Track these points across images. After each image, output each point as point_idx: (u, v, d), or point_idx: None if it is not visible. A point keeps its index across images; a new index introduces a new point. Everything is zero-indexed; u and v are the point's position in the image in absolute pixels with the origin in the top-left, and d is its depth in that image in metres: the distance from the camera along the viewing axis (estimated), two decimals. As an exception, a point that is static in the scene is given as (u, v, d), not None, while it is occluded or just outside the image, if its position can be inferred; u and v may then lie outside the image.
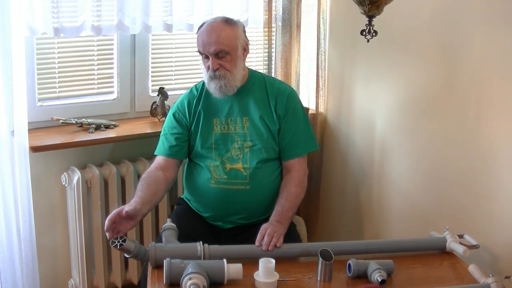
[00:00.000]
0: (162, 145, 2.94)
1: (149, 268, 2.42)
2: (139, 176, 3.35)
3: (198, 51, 2.85)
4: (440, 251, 2.65)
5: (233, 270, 2.30)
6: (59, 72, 3.31)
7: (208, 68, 2.82)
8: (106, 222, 2.41)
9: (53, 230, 3.39)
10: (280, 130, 2.93)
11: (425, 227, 2.99)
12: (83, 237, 3.29)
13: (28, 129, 3.04)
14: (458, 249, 2.56)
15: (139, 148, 3.49)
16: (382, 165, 3.50)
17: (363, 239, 3.64)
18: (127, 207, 2.47)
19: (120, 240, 2.36)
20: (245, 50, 2.91)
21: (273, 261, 2.32)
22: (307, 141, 2.99)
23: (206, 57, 2.83)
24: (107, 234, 2.41)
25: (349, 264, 2.40)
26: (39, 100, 3.29)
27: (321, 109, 3.85)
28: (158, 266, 2.36)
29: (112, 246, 2.37)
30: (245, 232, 2.84)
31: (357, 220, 3.74)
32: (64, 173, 3.29)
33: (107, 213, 3.28)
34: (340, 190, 3.85)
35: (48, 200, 3.34)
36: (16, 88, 2.95)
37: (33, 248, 3.14)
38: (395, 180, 3.42)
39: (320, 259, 2.38)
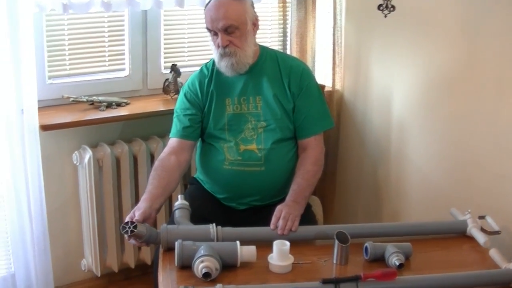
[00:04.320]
0: (175, 127, 2.89)
1: (161, 250, 2.39)
2: (151, 155, 3.37)
3: (207, 28, 2.79)
4: (460, 234, 2.60)
5: (247, 252, 2.27)
6: (69, 49, 3.27)
7: (217, 45, 2.76)
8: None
9: (64, 210, 3.38)
10: (295, 108, 2.88)
11: (445, 208, 2.93)
12: (95, 216, 3.28)
13: (38, 107, 3.01)
14: (479, 238, 2.51)
15: (152, 126, 3.46)
16: (399, 144, 3.45)
17: (380, 218, 3.63)
18: (137, 215, 2.45)
19: (131, 226, 2.32)
20: (255, 25, 2.85)
21: (288, 243, 2.29)
22: (322, 119, 2.94)
23: (215, 34, 2.77)
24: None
25: (366, 247, 2.36)
26: (49, 77, 3.25)
27: (338, 86, 3.79)
28: (170, 249, 2.32)
29: (123, 232, 2.33)
30: (259, 213, 2.80)
31: (374, 199, 3.71)
32: (75, 152, 3.27)
33: (119, 192, 3.34)
34: (357, 168, 3.81)
35: (59, 179, 3.32)
36: (25, 65, 2.91)
37: (44, 228, 3.13)
38: (413, 159, 3.37)
39: (336, 241, 2.33)
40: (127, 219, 2.44)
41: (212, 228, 2.40)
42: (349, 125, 3.82)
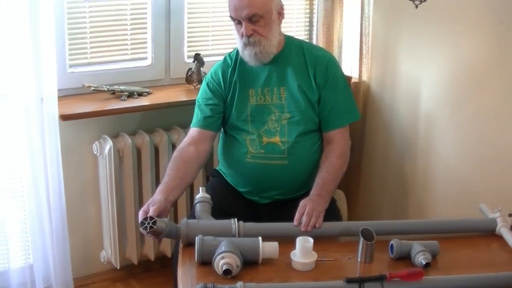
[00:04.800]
0: (196, 117, 2.85)
1: (181, 245, 2.34)
2: (173, 145, 3.35)
3: (230, 17, 2.74)
4: (489, 233, 2.52)
5: (269, 248, 2.21)
6: (90, 37, 3.26)
7: (241, 35, 2.71)
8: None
9: (84, 201, 3.38)
10: (320, 100, 2.82)
11: (473, 203, 2.86)
12: (115, 207, 3.27)
13: (58, 97, 3.00)
14: (509, 238, 2.42)
15: (174, 116, 3.43)
16: (427, 138, 3.39)
17: (406, 213, 3.57)
18: (151, 210, 2.38)
19: (150, 222, 2.27)
20: (280, 14, 2.79)
21: (311, 240, 2.23)
22: (348, 111, 2.89)
23: (238, 23, 2.71)
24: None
25: (392, 245, 2.28)
26: (70, 66, 3.24)
27: (364, 77, 3.73)
28: (191, 244, 2.27)
29: (141, 228, 2.29)
30: (282, 207, 2.77)
31: (400, 194, 3.65)
32: (96, 142, 3.26)
33: (139, 183, 3.33)
34: (383, 162, 3.75)
35: (79, 169, 3.32)
36: (46, 53, 2.90)
37: (63, 219, 3.14)
38: (440, 153, 3.31)
39: (361, 238, 2.27)
40: (140, 213, 2.38)
41: (233, 223, 2.34)
42: (376, 118, 3.76)
